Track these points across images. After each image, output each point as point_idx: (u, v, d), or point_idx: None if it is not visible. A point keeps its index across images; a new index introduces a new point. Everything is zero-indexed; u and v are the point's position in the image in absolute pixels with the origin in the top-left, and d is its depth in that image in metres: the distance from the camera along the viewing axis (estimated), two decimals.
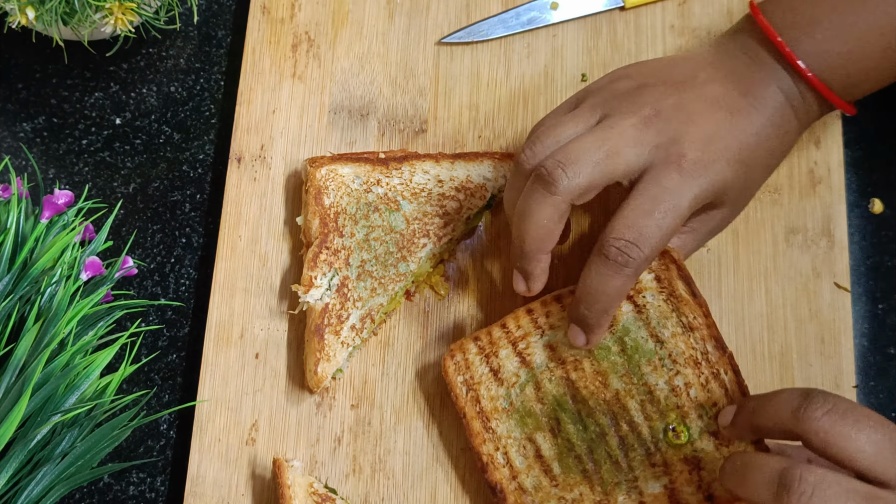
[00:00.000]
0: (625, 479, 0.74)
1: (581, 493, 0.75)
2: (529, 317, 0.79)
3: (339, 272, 0.82)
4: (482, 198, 0.85)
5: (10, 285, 0.78)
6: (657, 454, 0.74)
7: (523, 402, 0.77)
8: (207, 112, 0.93)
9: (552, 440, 0.76)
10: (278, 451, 0.81)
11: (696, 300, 0.77)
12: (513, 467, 0.76)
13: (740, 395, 0.74)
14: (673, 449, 0.74)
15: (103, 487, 0.83)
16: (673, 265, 0.77)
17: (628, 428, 0.75)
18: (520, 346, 0.78)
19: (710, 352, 0.76)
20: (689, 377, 0.75)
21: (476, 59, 0.92)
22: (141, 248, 0.89)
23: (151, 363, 0.86)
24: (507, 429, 0.77)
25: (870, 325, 0.86)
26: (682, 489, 0.73)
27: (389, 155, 0.86)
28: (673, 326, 0.76)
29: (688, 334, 0.76)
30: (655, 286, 0.77)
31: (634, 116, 0.73)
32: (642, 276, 0.77)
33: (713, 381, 0.75)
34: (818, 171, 0.88)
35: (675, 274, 0.77)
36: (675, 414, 0.75)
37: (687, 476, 0.74)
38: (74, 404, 0.76)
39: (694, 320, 0.76)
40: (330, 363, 0.80)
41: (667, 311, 0.77)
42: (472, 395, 0.78)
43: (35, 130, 0.92)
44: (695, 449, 0.74)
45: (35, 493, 0.75)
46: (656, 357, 0.76)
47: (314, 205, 0.83)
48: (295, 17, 0.92)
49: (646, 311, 0.77)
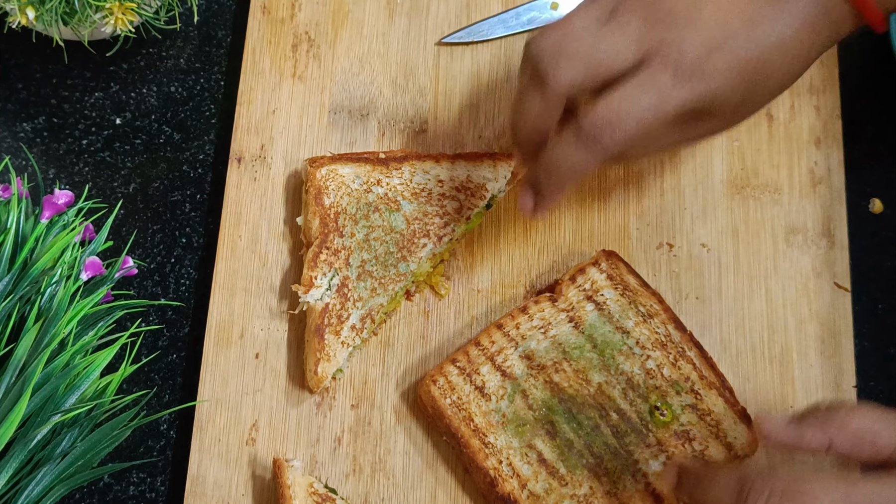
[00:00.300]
0: (627, 464, 0.77)
1: (591, 486, 0.77)
2: (501, 331, 0.81)
3: (339, 272, 0.82)
4: (482, 198, 0.85)
5: (11, 285, 0.78)
6: (649, 435, 0.78)
7: (515, 412, 0.79)
8: (207, 112, 0.93)
9: (551, 442, 0.78)
10: (278, 451, 0.81)
11: (648, 290, 0.82)
12: (520, 476, 0.77)
13: (708, 368, 0.80)
14: (662, 427, 0.79)
15: (103, 487, 0.83)
16: (620, 263, 0.83)
17: (617, 416, 0.79)
18: (497, 360, 0.80)
19: (671, 333, 0.81)
20: (658, 359, 0.80)
21: (476, 60, 0.92)
22: (141, 248, 0.89)
23: (151, 363, 0.86)
24: (505, 440, 0.78)
25: (870, 324, 0.86)
26: None
27: (390, 155, 0.86)
28: (634, 316, 0.81)
29: (648, 321, 0.81)
30: (609, 283, 0.82)
31: (646, 9, 0.70)
32: (596, 277, 0.82)
33: (681, 358, 0.80)
34: (818, 171, 0.88)
35: (623, 270, 0.83)
36: (656, 395, 0.79)
37: (681, 449, 0.78)
38: (74, 404, 0.76)
39: (651, 308, 0.82)
40: (330, 363, 0.80)
41: (625, 304, 0.82)
42: (464, 415, 0.79)
43: (35, 130, 0.92)
44: (681, 423, 0.79)
45: (35, 494, 0.75)
46: (625, 346, 0.81)
47: (314, 205, 0.83)
48: (295, 17, 0.92)
49: (607, 308, 0.82)
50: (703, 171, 0.88)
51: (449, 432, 0.79)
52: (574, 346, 0.80)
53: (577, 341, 0.81)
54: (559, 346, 0.80)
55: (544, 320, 0.81)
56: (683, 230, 0.87)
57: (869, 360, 0.85)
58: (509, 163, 0.86)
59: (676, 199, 0.88)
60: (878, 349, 0.86)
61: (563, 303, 0.82)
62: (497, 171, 0.85)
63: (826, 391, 0.82)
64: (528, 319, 0.81)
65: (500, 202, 0.87)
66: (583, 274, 0.82)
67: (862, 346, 0.86)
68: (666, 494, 0.76)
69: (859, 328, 0.86)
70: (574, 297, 0.82)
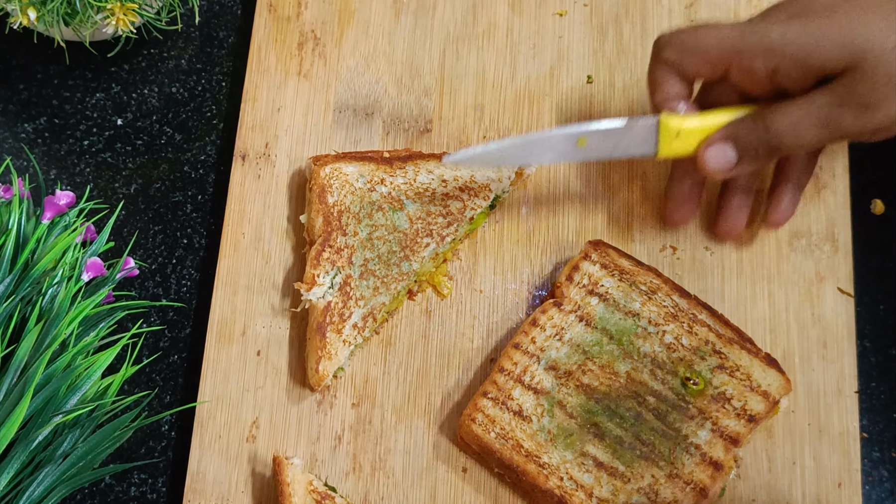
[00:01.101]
0: (678, 442, 0.78)
1: (652, 475, 0.77)
2: (520, 350, 0.81)
3: (341, 270, 0.82)
4: (486, 198, 0.85)
5: (12, 286, 0.78)
6: (689, 407, 0.79)
7: (559, 425, 0.79)
8: (209, 113, 0.93)
9: (602, 444, 0.78)
10: (279, 449, 0.81)
11: (644, 267, 0.83)
12: (584, 486, 0.77)
13: (723, 325, 0.81)
14: (698, 396, 0.79)
15: (104, 488, 0.83)
16: (609, 249, 0.83)
17: (654, 399, 0.79)
18: (525, 379, 0.80)
19: (678, 302, 0.82)
20: (674, 331, 0.81)
21: (482, 60, 0.92)
22: (142, 248, 0.89)
23: (153, 364, 0.86)
24: (559, 456, 0.78)
25: (871, 326, 0.86)
26: (726, 424, 0.78)
27: (394, 154, 0.86)
28: (638, 297, 0.82)
29: (653, 297, 0.82)
30: (605, 272, 0.83)
31: None
32: (591, 270, 0.83)
33: (695, 324, 0.81)
34: (823, 176, 0.88)
35: (615, 255, 0.83)
36: (683, 366, 0.80)
37: (724, 411, 0.78)
38: (76, 405, 0.76)
39: (651, 283, 0.82)
40: (331, 361, 0.80)
41: (626, 288, 0.82)
42: (512, 444, 0.78)
43: (36, 131, 0.92)
44: (715, 387, 0.79)
45: (36, 494, 0.75)
46: (640, 328, 0.81)
47: (318, 203, 0.83)
48: (301, 16, 0.92)
49: (610, 296, 0.82)
50: None
51: (502, 465, 0.78)
52: (592, 344, 0.81)
53: (593, 338, 0.81)
54: (578, 347, 0.80)
55: (556, 327, 0.81)
56: (687, 233, 0.87)
57: (870, 361, 0.85)
58: None
59: None
60: (880, 350, 0.86)
61: (569, 304, 0.82)
62: (500, 172, 0.85)
63: (828, 395, 0.82)
64: (542, 330, 0.81)
65: (503, 202, 0.87)
66: (578, 271, 0.82)
67: (863, 346, 0.86)
68: (724, 459, 0.77)
69: (861, 329, 0.86)
70: (577, 296, 0.82)
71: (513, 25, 0.93)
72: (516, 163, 0.83)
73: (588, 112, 0.90)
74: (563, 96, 0.90)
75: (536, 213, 0.87)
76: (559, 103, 0.90)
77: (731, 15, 0.92)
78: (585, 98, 0.90)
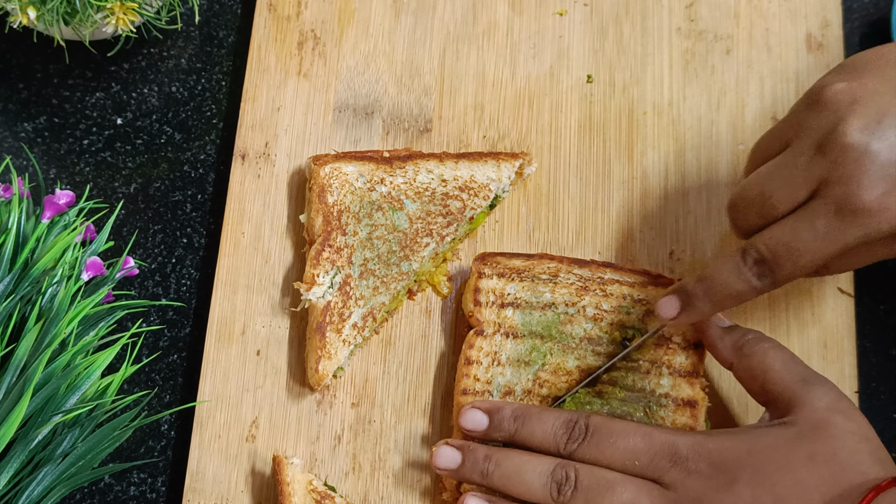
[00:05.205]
0: (649, 401, 0.79)
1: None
2: (469, 395, 0.80)
3: (341, 270, 0.82)
4: (486, 198, 0.85)
5: (12, 285, 0.78)
6: (641, 363, 0.79)
7: None
8: (209, 112, 0.93)
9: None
10: (278, 448, 0.81)
11: (535, 258, 0.83)
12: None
13: (630, 273, 0.82)
14: (643, 350, 0.80)
15: (104, 488, 0.83)
16: (496, 256, 0.83)
17: (608, 374, 0.80)
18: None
19: (580, 273, 0.82)
20: (591, 301, 0.81)
21: (482, 59, 0.92)
22: (142, 248, 0.89)
23: (152, 363, 0.86)
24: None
25: (871, 326, 0.86)
26: (678, 361, 0.79)
27: (394, 154, 0.86)
28: (544, 287, 0.82)
29: (557, 280, 0.82)
30: (505, 281, 0.82)
31: None
32: (492, 285, 0.82)
33: (605, 286, 0.82)
34: None
35: (504, 260, 0.83)
36: (617, 330, 0.81)
37: (670, 351, 0.80)
38: (75, 405, 0.76)
39: (549, 268, 0.82)
40: (331, 361, 0.80)
41: (530, 285, 0.82)
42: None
43: (36, 130, 0.92)
44: (652, 332, 0.79)
45: (36, 494, 0.75)
46: (563, 315, 0.81)
47: (318, 202, 0.83)
48: (301, 15, 0.92)
49: (521, 300, 0.81)
50: (707, 175, 0.88)
51: None
52: (529, 352, 0.80)
53: (526, 346, 0.80)
54: (518, 362, 0.80)
55: (489, 354, 0.80)
56: (687, 233, 0.87)
57: (870, 361, 0.85)
58: (513, 163, 0.86)
59: (680, 203, 0.88)
60: (880, 350, 0.86)
61: (489, 327, 0.81)
62: (500, 172, 0.86)
63: None
64: (478, 365, 0.80)
65: (503, 202, 0.87)
66: (480, 291, 0.82)
67: (863, 346, 0.86)
68: (694, 394, 0.78)
69: (860, 329, 0.86)
70: (492, 316, 0.81)
71: (513, 25, 0.93)
72: None
73: (588, 112, 0.90)
74: (563, 96, 0.90)
75: (536, 213, 0.87)
76: (559, 103, 0.90)
77: (730, 13, 0.92)
78: (585, 98, 0.90)
